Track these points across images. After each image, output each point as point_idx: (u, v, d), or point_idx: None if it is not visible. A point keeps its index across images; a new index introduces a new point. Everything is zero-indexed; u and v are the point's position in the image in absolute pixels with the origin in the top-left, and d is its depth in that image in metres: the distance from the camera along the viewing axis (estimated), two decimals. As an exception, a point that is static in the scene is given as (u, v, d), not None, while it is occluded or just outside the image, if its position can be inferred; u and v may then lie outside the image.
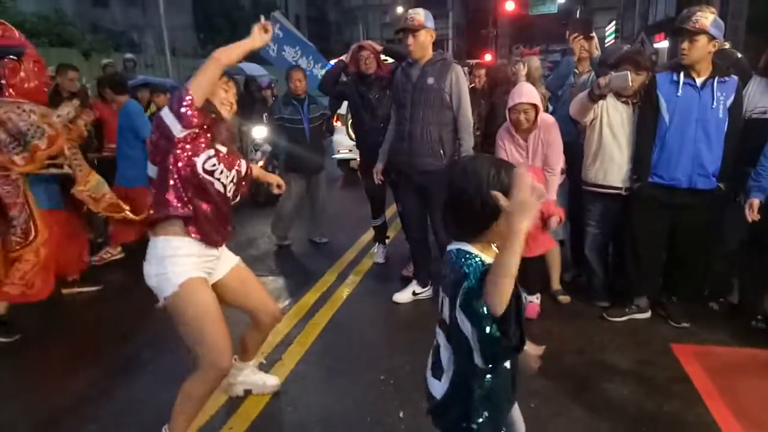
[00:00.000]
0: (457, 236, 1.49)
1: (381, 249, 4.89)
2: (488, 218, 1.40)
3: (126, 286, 4.56)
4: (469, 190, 1.40)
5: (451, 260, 1.46)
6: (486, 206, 1.37)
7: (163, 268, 2.23)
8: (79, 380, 3.04)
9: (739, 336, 3.35)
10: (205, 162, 2.25)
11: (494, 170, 1.40)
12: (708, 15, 3.04)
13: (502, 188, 1.36)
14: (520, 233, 1.21)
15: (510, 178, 1.37)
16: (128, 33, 22.69)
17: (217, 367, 2.25)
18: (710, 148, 3.17)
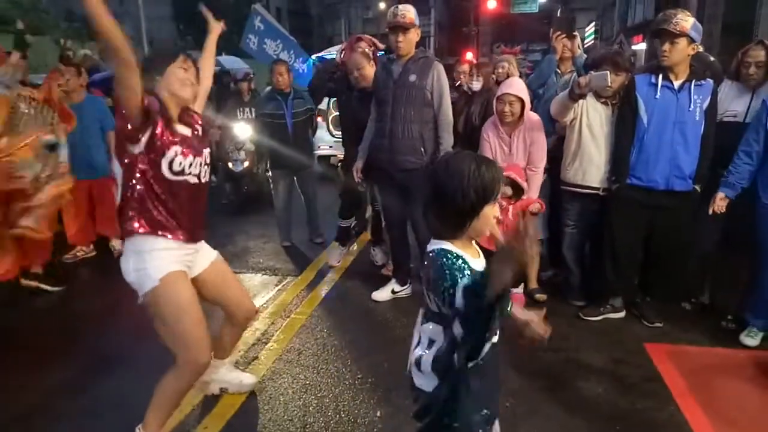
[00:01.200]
0: (438, 233, 1.49)
1: (339, 250, 4.75)
2: (468, 214, 1.42)
3: (98, 283, 4.50)
4: (450, 186, 1.41)
5: (434, 260, 1.45)
6: (466, 202, 1.39)
7: (142, 263, 2.19)
8: (50, 377, 2.97)
9: (711, 336, 3.42)
10: (171, 164, 2.19)
11: (475, 165, 1.41)
12: (688, 18, 3.08)
13: (483, 183, 1.39)
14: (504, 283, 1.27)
15: (491, 173, 1.41)
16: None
17: (195, 364, 2.23)
18: (687, 150, 3.22)
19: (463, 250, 1.46)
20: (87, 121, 4.37)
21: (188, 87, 2.27)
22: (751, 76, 3.32)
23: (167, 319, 2.21)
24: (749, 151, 3.17)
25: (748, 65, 3.32)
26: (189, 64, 2.27)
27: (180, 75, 2.24)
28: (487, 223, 1.45)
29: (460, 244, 1.47)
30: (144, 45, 15.52)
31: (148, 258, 2.20)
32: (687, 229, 3.38)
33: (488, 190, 1.41)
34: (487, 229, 1.48)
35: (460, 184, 1.39)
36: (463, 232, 1.45)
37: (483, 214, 1.43)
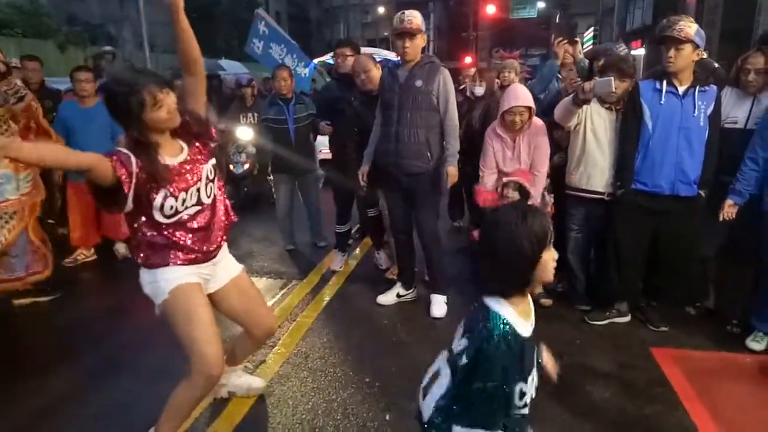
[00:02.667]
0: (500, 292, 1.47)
1: (340, 256, 4.77)
2: (526, 270, 1.41)
3: (100, 287, 4.51)
4: (501, 244, 1.40)
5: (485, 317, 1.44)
6: (524, 257, 1.38)
7: (154, 276, 2.19)
8: (57, 381, 2.97)
9: (716, 340, 3.43)
10: (162, 209, 2.11)
11: (522, 218, 1.39)
12: (692, 24, 3.11)
13: (535, 235, 1.38)
14: None
15: (540, 223, 1.39)
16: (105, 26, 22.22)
17: (206, 374, 2.18)
18: (692, 155, 3.24)
19: (518, 309, 1.45)
20: (97, 125, 4.38)
21: (173, 118, 2.07)
22: (750, 83, 3.34)
23: (179, 329, 2.20)
24: (755, 158, 3.19)
25: (748, 72, 3.34)
26: (160, 95, 1.99)
27: (158, 117, 2.02)
28: (548, 270, 1.44)
29: (517, 302, 1.46)
30: (146, 48, 15.51)
31: (160, 271, 2.19)
32: (692, 234, 3.39)
33: (541, 238, 1.39)
34: (549, 275, 1.45)
35: (513, 240, 1.38)
36: (530, 285, 1.45)
37: (543, 261, 1.41)
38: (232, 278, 2.45)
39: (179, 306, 2.18)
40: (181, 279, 2.20)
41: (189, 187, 2.15)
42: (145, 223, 2.13)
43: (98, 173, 1.93)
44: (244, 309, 2.49)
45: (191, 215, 2.19)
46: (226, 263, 2.45)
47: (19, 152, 1.78)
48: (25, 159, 1.85)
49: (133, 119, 2.00)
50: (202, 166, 2.21)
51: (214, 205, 2.29)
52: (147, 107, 1.98)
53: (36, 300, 3.90)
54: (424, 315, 3.77)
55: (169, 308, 2.18)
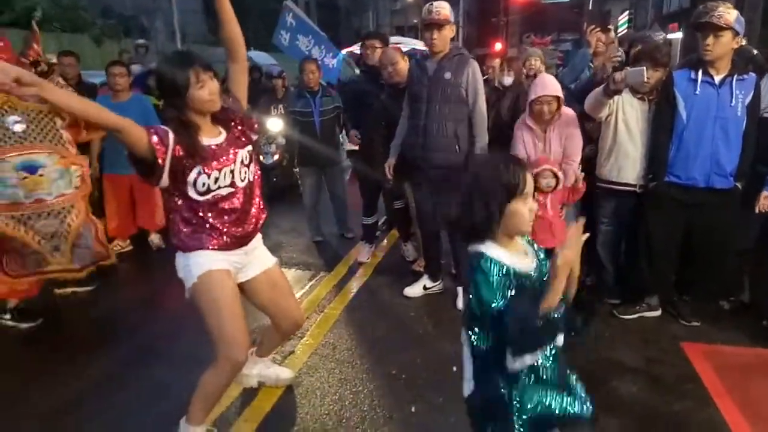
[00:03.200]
0: (472, 236, 1.50)
1: (367, 248, 4.81)
2: (491, 215, 1.44)
3: (135, 278, 4.65)
4: (472, 185, 1.45)
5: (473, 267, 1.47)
6: (488, 202, 1.43)
7: (187, 260, 2.27)
8: (91, 371, 3.08)
9: (750, 335, 3.36)
10: (195, 185, 2.17)
11: (493, 165, 1.46)
12: (731, 10, 3.00)
13: (502, 182, 1.42)
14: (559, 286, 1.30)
15: (512, 169, 1.44)
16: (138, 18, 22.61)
17: (231, 361, 2.27)
18: (728, 146, 3.15)
19: (506, 250, 1.47)
20: (132, 118, 4.47)
21: (214, 101, 2.16)
22: (792, 71, 3.23)
23: (206, 314, 2.28)
24: (793, 148, 3.08)
25: (790, 59, 3.22)
26: (204, 76, 2.11)
27: (200, 97, 2.11)
28: (521, 219, 1.46)
29: (500, 243, 1.48)
30: (177, 39, 15.75)
31: (192, 255, 2.27)
32: (727, 227, 3.30)
33: (509, 186, 1.43)
34: (525, 226, 1.48)
35: (479, 183, 1.43)
36: (493, 231, 1.46)
37: (511, 210, 1.44)
38: (265, 270, 2.50)
39: (207, 291, 2.26)
40: (212, 265, 2.26)
41: (223, 167, 2.21)
42: (182, 203, 2.21)
43: (130, 138, 2.03)
44: (273, 301, 2.55)
45: (224, 196, 2.25)
46: (260, 254, 2.51)
47: (51, 94, 1.91)
48: (56, 101, 1.96)
49: (177, 96, 2.11)
50: (238, 150, 2.27)
51: (249, 191, 2.35)
52: (191, 85, 2.08)
53: (75, 290, 4.03)
54: (451, 307, 3.78)
55: (197, 293, 2.26)
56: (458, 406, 2.64)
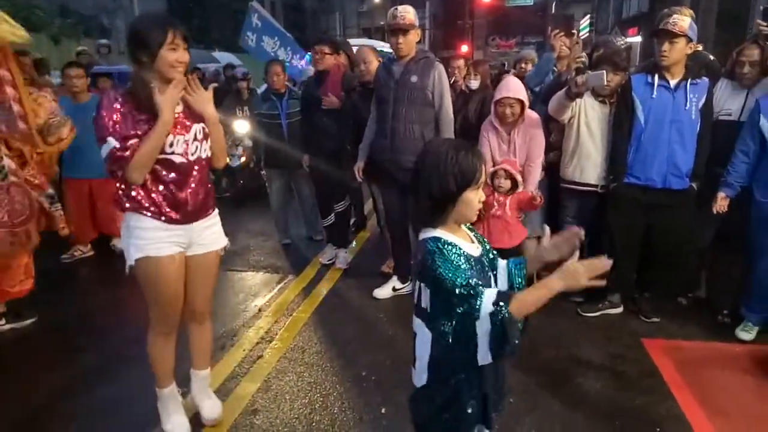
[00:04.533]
0: (424, 221, 1.52)
1: (331, 248, 4.73)
2: (448, 200, 1.45)
3: (98, 283, 4.53)
4: (428, 172, 1.45)
5: (425, 248, 1.47)
6: (444, 187, 1.43)
7: (128, 238, 2.27)
8: (53, 379, 3.00)
9: (707, 330, 3.49)
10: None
11: (453, 151, 1.44)
12: (685, 18, 3.12)
13: (461, 168, 1.42)
14: (552, 292, 1.36)
15: (469, 158, 1.44)
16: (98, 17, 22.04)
17: (162, 328, 2.44)
18: (684, 148, 3.27)
19: (455, 236, 1.50)
20: (90, 120, 4.36)
21: (179, 69, 2.15)
22: (745, 75, 3.37)
23: (144, 290, 2.35)
24: (746, 150, 3.22)
25: (743, 64, 3.37)
26: (179, 41, 2.12)
27: (169, 58, 2.11)
28: (471, 208, 1.48)
29: (449, 229, 1.50)
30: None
31: (134, 236, 2.25)
32: (684, 226, 3.42)
33: (467, 175, 1.43)
34: (472, 215, 1.50)
35: (437, 170, 1.43)
36: (445, 217, 1.48)
37: (464, 199, 1.45)
38: (206, 253, 2.45)
39: (142, 276, 2.30)
40: (148, 251, 2.24)
41: (177, 135, 2.22)
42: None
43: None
44: (193, 283, 2.47)
45: (169, 165, 2.22)
46: (210, 234, 2.45)
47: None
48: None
49: (146, 52, 2.09)
50: (193, 123, 2.28)
51: (194, 168, 2.31)
52: (165, 44, 2.08)
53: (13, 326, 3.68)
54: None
55: (136, 274, 2.30)
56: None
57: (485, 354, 1.41)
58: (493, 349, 1.39)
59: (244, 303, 3.99)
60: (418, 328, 1.56)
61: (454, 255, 1.44)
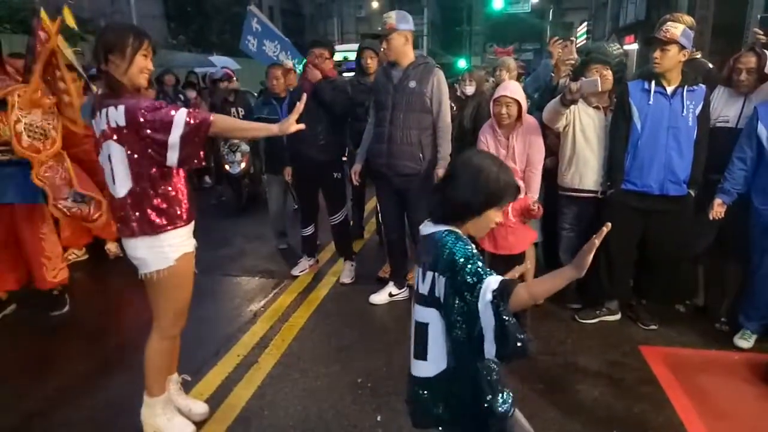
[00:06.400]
0: (438, 218, 1.56)
1: (306, 261, 4.64)
2: (474, 210, 1.51)
3: (92, 287, 4.50)
4: (465, 178, 1.50)
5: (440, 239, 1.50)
6: (475, 198, 1.48)
7: (158, 240, 2.23)
8: (48, 384, 2.97)
9: (704, 337, 3.47)
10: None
11: (496, 168, 1.50)
12: (678, 25, 3.13)
13: (497, 187, 1.48)
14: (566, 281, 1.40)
15: (506, 179, 1.50)
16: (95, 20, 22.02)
17: (177, 332, 2.47)
18: (681, 155, 3.26)
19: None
20: (88, 120, 4.33)
21: (146, 78, 2.23)
22: (742, 82, 3.37)
23: (170, 295, 2.33)
24: (743, 157, 3.22)
25: (740, 71, 3.36)
26: (149, 50, 2.21)
27: (141, 64, 2.18)
28: (487, 225, 1.54)
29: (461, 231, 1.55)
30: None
31: (165, 237, 2.25)
32: (681, 233, 3.41)
33: (498, 195, 1.50)
34: (484, 232, 1.56)
35: (475, 180, 1.48)
36: (462, 223, 1.53)
37: (486, 215, 1.51)
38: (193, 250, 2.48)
39: (181, 275, 2.32)
40: (185, 247, 2.33)
41: None
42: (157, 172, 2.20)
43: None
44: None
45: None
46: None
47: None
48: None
49: (120, 56, 2.13)
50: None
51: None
52: (140, 51, 2.16)
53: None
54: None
55: (172, 275, 2.28)
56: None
57: (490, 347, 1.39)
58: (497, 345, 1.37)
59: (239, 308, 3.96)
60: (431, 318, 1.55)
61: (468, 244, 1.49)
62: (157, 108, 2.11)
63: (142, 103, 2.12)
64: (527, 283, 1.39)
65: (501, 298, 1.35)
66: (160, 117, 2.09)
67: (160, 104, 2.14)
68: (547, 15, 33.36)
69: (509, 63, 4.77)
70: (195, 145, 2.14)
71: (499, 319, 1.35)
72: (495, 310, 1.35)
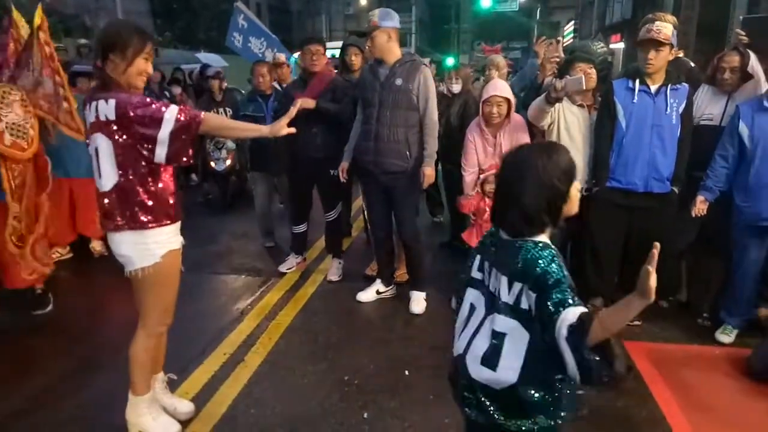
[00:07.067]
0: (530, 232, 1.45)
1: (293, 258, 4.61)
2: (561, 203, 1.42)
3: (77, 286, 4.45)
4: (531, 186, 1.39)
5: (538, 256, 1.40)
6: (556, 193, 1.39)
7: (143, 237, 2.21)
8: (32, 383, 2.94)
9: (687, 333, 3.52)
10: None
11: (546, 156, 1.41)
12: (668, 25, 3.16)
13: (562, 169, 1.39)
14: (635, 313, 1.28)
15: (563, 156, 1.41)
16: (80, 17, 21.73)
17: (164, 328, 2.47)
18: (665, 152, 3.30)
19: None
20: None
21: (143, 81, 2.24)
22: (726, 81, 3.42)
23: (158, 292, 2.33)
24: (725, 155, 3.26)
25: (724, 70, 3.42)
26: (151, 53, 2.22)
27: (141, 67, 2.18)
28: (576, 201, 1.45)
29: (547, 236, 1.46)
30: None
31: (151, 233, 2.23)
32: (665, 230, 3.45)
33: (569, 173, 1.41)
34: (576, 207, 1.46)
35: (542, 179, 1.38)
36: (558, 221, 1.44)
37: (571, 195, 1.43)
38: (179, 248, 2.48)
39: (169, 271, 2.31)
40: (172, 244, 2.31)
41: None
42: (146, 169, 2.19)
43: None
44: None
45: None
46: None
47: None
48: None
49: (121, 57, 2.13)
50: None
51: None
52: (142, 54, 2.16)
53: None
54: (404, 312, 3.79)
55: (159, 272, 2.27)
56: (411, 410, 2.68)
57: (574, 372, 1.33)
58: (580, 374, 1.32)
59: (225, 306, 3.94)
60: (511, 329, 1.46)
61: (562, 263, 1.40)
62: (148, 104, 2.10)
63: (132, 98, 2.10)
64: (600, 318, 1.29)
65: (577, 335, 1.28)
66: (150, 113, 2.08)
67: (151, 101, 2.13)
68: (534, 14, 33.52)
69: (499, 61, 4.79)
70: (184, 142, 2.14)
71: (578, 355, 1.29)
72: (573, 347, 1.29)
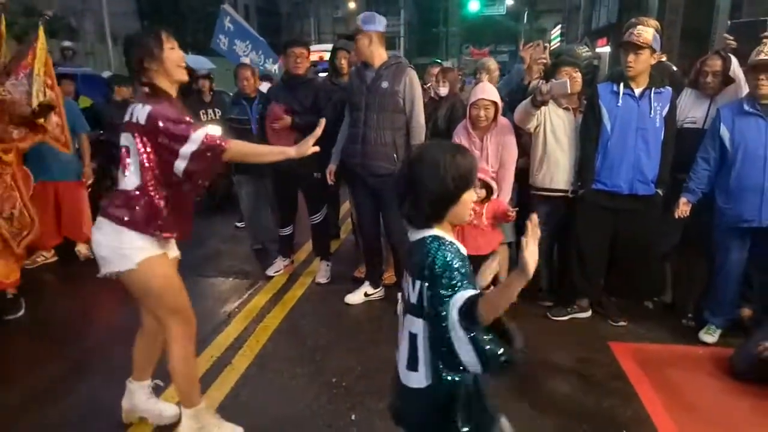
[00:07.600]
0: (418, 223, 1.52)
1: (281, 261, 4.61)
2: (450, 201, 1.47)
3: (62, 289, 4.41)
4: (428, 175, 1.45)
5: (426, 246, 1.46)
6: (446, 190, 1.44)
7: (119, 242, 2.16)
8: (22, 387, 2.91)
9: (672, 333, 3.56)
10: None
11: (450, 154, 1.46)
12: (649, 29, 3.21)
13: (459, 172, 1.44)
14: (518, 290, 1.31)
15: (466, 161, 1.47)
16: (65, 18, 21.53)
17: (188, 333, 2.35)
18: (649, 155, 3.34)
19: (449, 236, 1.51)
20: None
21: (183, 68, 2.19)
22: (708, 85, 3.48)
23: (151, 295, 2.27)
24: (707, 158, 3.31)
25: (706, 74, 3.47)
26: (173, 40, 2.17)
27: (174, 57, 2.15)
28: (467, 208, 1.51)
29: (444, 230, 1.51)
30: (108, 42, 15.09)
31: (127, 238, 2.16)
32: (650, 231, 3.50)
33: (466, 176, 1.46)
34: (467, 215, 1.52)
35: (438, 174, 1.44)
36: (443, 218, 1.50)
37: (462, 200, 1.48)
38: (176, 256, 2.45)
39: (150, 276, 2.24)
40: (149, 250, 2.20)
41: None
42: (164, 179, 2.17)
43: None
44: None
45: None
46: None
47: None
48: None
49: (152, 58, 2.12)
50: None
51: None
52: (164, 43, 2.12)
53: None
54: (392, 314, 3.76)
55: (139, 278, 2.22)
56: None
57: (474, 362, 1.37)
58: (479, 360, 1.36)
59: (212, 309, 3.92)
60: (419, 329, 1.51)
61: (453, 251, 1.44)
62: (179, 121, 2.07)
63: (168, 112, 2.08)
64: (485, 298, 1.34)
65: (468, 316, 1.33)
66: (179, 131, 2.06)
67: (185, 120, 2.09)
68: (522, 17, 33.74)
69: (489, 64, 4.82)
70: (205, 162, 2.10)
71: (470, 337, 1.33)
72: (465, 329, 1.33)
